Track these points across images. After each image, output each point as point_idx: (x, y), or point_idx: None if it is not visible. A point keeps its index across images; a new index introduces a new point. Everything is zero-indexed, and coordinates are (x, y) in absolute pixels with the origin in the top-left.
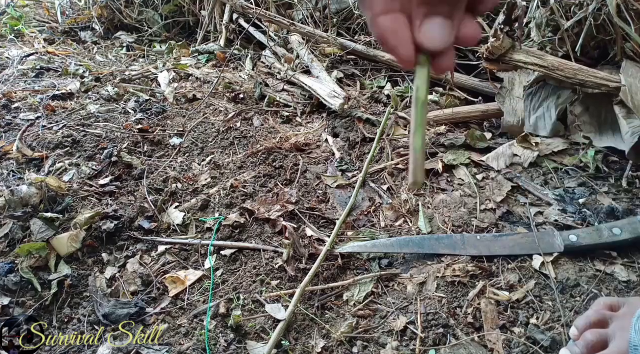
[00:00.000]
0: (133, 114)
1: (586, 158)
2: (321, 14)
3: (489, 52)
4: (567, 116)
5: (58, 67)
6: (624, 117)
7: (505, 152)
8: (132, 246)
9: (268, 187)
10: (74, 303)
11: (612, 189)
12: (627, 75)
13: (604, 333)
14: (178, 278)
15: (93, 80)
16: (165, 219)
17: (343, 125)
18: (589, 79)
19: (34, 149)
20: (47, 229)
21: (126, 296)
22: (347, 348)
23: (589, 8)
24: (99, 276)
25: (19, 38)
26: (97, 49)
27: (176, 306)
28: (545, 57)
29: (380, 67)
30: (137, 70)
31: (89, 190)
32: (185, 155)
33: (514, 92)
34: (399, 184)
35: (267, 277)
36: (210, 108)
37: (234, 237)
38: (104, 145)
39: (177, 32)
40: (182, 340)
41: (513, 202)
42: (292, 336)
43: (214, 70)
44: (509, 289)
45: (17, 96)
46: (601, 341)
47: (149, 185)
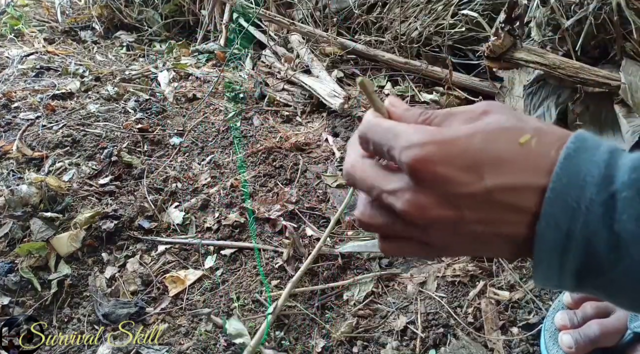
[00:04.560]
0: (133, 113)
1: None
2: (321, 13)
3: (490, 50)
4: (567, 116)
5: (58, 67)
6: (624, 116)
7: None
8: (132, 246)
9: (268, 186)
10: (74, 303)
11: None
12: (627, 74)
13: (602, 306)
14: (178, 278)
15: (93, 79)
16: (165, 219)
17: (343, 124)
18: (591, 77)
19: (34, 148)
20: (47, 228)
21: (126, 296)
22: (347, 348)
23: (589, 7)
24: (99, 276)
25: (19, 38)
26: (97, 48)
27: (176, 306)
28: (547, 55)
29: (381, 67)
30: (137, 69)
31: (89, 190)
32: (185, 155)
33: (514, 91)
34: None
35: (267, 277)
36: (210, 108)
37: (234, 237)
38: (104, 145)
39: (177, 31)
40: (182, 340)
41: None
42: (292, 336)
43: (214, 70)
44: (510, 289)
45: (17, 96)
46: (600, 313)
47: (149, 185)
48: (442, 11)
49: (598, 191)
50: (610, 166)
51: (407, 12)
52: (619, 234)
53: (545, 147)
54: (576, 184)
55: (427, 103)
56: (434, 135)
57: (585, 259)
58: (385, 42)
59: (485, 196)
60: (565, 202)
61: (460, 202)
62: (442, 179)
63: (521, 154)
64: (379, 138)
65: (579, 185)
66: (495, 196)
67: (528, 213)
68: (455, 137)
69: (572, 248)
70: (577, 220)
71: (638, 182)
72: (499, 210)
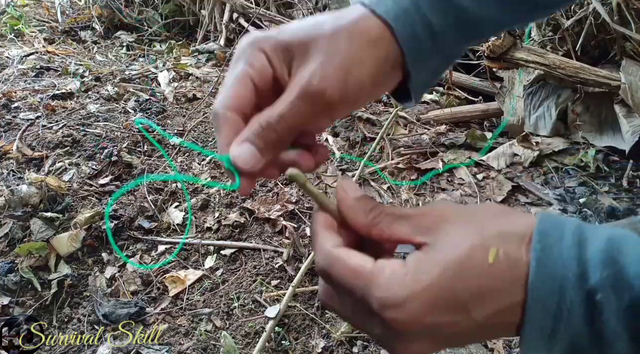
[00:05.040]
0: (133, 113)
1: (587, 158)
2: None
3: (490, 50)
4: (567, 116)
5: (58, 67)
6: (624, 116)
7: (506, 151)
8: (132, 246)
9: (268, 186)
10: (74, 303)
11: (613, 188)
12: (627, 74)
13: None
14: (178, 278)
15: (93, 79)
16: (165, 218)
17: (343, 124)
18: (591, 77)
19: (34, 148)
20: (47, 228)
21: (126, 296)
22: (347, 348)
23: (589, 7)
24: (99, 276)
25: (19, 38)
26: (97, 48)
27: (176, 306)
28: (547, 55)
29: None
30: (137, 69)
31: (89, 190)
32: (185, 154)
33: (514, 91)
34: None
35: (267, 277)
36: (210, 108)
37: (234, 237)
38: (104, 144)
39: (177, 31)
40: (182, 340)
41: (514, 202)
42: (292, 336)
43: (214, 70)
44: None
45: (17, 96)
46: None
47: (149, 185)
48: None
49: (576, 293)
50: (581, 262)
51: None
52: (601, 332)
53: (514, 253)
54: (554, 290)
55: (427, 103)
56: (410, 287)
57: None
58: None
59: (476, 327)
60: (545, 309)
61: (452, 338)
62: (431, 327)
63: (495, 275)
64: (347, 283)
65: (557, 292)
66: (484, 323)
67: (514, 324)
68: (431, 284)
69: (557, 345)
70: (561, 321)
71: (610, 280)
72: (488, 331)
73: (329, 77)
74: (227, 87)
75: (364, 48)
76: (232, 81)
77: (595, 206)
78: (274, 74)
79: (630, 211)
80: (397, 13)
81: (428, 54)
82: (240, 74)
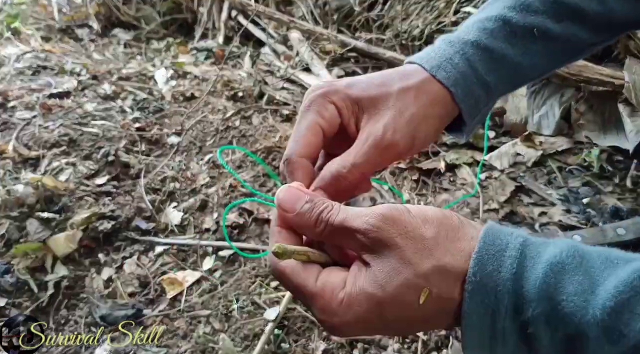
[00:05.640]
0: (130, 112)
1: (590, 157)
2: (321, 10)
3: None
4: (571, 115)
5: (55, 66)
6: (628, 115)
7: (509, 151)
8: (130, 247)
9: (268, 186)
10: (71, 305)
11: (617, 189)
12: (631, 73)
13: None
14: (176, 279)
15: (90, 78)
16: (163, 219)
17: None
18: (594, 76)
19: (30, 148)
20: (43, 229)
21: (123, 298)
22: (348, 350)
23: None
24: (96, 277)
25: (16, 36)
26: (95, 46)
27: (174, 308)
28: None
29: (382, 65)
30: (134, 68)
31: (85, 190)
32: (183, 154)
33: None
34: (400, 184)
35: (266, 278)
36: (208, 106)
37: (233, 238)
38: (101, 144)
39: (175, 29)
40: (180, 343)
41: (517, 203)
42: (292, 339)
43: (212, 68)
44: None
45: (13, 95)
46: None
47: (147, 185)
48: (444, 8)
49: (511, 321)
50: (516, 296)
51: (408, 9)
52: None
53: (446, 294)
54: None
55: None
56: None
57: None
58: (386, 39)
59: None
60: (481, 329)
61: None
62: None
63: (425, 313)
64: (292, 291)
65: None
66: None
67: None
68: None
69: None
70: (497, 340)
71: (544, 316)
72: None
73: (400, 130)
74: (300, 135)
75: (427, 107)
76: (304, 129)
77: (599, 207)
78: (341, 124)
79: (634, 211)
80: (456, 78)
81: (483, 105)
82: (312, 123)
